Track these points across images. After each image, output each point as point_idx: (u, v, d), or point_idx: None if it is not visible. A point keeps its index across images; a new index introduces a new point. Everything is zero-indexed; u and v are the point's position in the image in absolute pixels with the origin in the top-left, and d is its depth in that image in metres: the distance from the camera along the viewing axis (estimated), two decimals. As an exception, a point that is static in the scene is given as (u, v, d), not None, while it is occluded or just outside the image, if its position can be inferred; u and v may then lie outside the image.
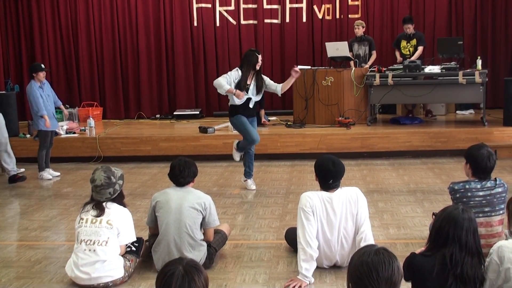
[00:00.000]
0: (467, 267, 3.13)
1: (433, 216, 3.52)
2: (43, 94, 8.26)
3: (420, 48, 10.29)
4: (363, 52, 10.59)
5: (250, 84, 6.95)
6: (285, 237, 5.07)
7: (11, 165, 8.12)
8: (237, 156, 7.37)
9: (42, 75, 8.26)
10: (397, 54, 10.66)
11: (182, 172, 4.61)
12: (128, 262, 4.43)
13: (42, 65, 8.48)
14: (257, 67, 6.93)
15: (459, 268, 3.12)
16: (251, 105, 7.06)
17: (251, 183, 7.40)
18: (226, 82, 6.84)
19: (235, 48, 12.35)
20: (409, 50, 10.45)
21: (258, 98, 7.13)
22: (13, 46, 12.57)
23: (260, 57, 6.97)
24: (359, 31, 10.54)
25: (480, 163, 4.30)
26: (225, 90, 6.82)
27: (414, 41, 10.40)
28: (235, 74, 6.93)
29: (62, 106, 8.88)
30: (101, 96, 12.59)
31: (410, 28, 10.31)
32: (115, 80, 12.51)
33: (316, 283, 4.28)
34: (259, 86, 7.00)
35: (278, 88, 7.08)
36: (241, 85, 6.86)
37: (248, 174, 7.44)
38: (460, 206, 3.31)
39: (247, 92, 6.93)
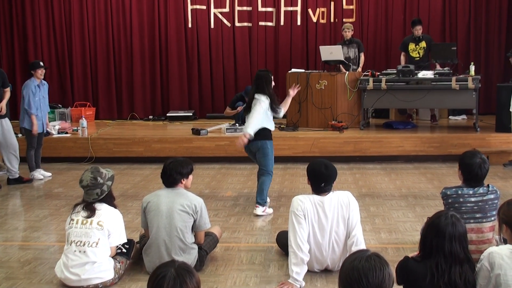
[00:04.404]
0: (455, 276, 3.16)
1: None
2: (38, 94, 8.21)
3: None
4: (353, 54, 10.60)
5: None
6: (276, 240, 5.07)
7: (16, 167, 8.13)
8: (269, 209, 6.48)
9: (40, 72, 8.19)
10: (403, 58, 10.64)
11: (165, 173, 4.58)
12: (118, 264, 4.41)
13: (41, 63, 8.37)
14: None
15: (446, 277, 3.14)
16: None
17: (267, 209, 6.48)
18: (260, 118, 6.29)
19: (229, 50, 12.34)
20: (418, 53, 10.40)
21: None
22: (6, 44, 12.51)
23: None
24: (349, 33, 10.57)
25: (471, 172, 4.31)
26: (246, 132, 6.22)
27: (423, 43, 10.36)
28: (266, 100, 6.30)
29: (47, 114, 8.64)
30: (94, 96, 12.54)
31: (420, 30, 10.32)
32: (108, 80, 12.47)
33: (307, 286, 4.27)
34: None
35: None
36: (275, 108, 6.42)
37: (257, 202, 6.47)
38: (444, 212, 3.32)
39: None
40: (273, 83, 6.45)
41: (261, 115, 6.25)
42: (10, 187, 7.96)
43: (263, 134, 6.35)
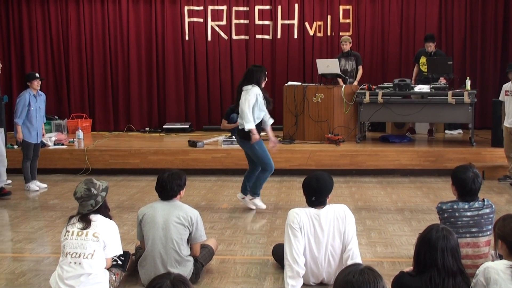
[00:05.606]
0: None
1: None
2: (34, 105, 8.21)
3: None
4: (351, 67, 10.64)
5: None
6: (272, 253, 5.05)
7: (3, 178, 8.10)
8: (259, 202, 6.93)
9: (36, 83, 8.20)
10: (415, 69, 10.75)
11: (164, 187, 4.57)
12: (113, 276, 4.39)
13: (37, 74, 8.39)
14: (262, 85, 6.69)
15: (440, 289, 3.16)
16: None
17: (249, 201, 6.96)
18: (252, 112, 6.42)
19: (226, 63, 12.38)
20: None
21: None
22: (3, 55, 12.49)
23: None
24: (347, 46, 10.61)
25: (465, 186, 4.33)
26: (249, 128, 6.41)
27: None
28: (257, 91, 6.48)
29: (43, 125, 8.60)
30: (91, 108, 12.55)
31: (431, 47, 10.33)
32: (105, 92, 12.48)
33: (303, 300, 4.26)
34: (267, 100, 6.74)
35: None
36: (266, 100, 6.61)
37: (249, 191, 6.98)
38: (435, 226, 3.33)
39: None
40: (265, 79, 6.67)
41: (250, 104, 6.42)
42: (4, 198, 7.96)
43: (243, 133, 6.57)
